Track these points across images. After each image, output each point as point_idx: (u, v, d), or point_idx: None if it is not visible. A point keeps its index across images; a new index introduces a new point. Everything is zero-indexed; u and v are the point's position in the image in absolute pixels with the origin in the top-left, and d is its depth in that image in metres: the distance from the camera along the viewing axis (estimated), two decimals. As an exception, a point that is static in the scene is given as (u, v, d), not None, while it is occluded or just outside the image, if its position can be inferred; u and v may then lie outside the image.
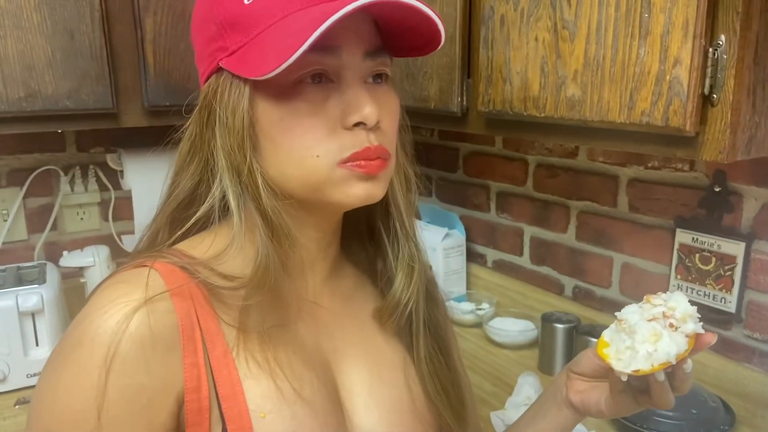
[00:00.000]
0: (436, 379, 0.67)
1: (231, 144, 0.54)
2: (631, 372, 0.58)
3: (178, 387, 0.52)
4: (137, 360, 0.50)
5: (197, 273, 0.55)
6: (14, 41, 1.17)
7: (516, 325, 1.52)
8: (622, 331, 0.60)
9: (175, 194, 0.60)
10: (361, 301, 0.68)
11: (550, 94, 0.95)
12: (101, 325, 0.50)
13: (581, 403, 0.68)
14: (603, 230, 1.41)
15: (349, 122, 0.54)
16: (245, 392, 0.54)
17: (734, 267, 1.15)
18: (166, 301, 0.53)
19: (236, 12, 0.53)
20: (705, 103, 0.79)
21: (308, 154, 0.54)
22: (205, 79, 0.57)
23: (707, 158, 0.80)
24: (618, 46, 0.85)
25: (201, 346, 0.53)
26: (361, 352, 0.65)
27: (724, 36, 0.76)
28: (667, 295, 0.61)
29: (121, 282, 0.54)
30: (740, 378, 1.17)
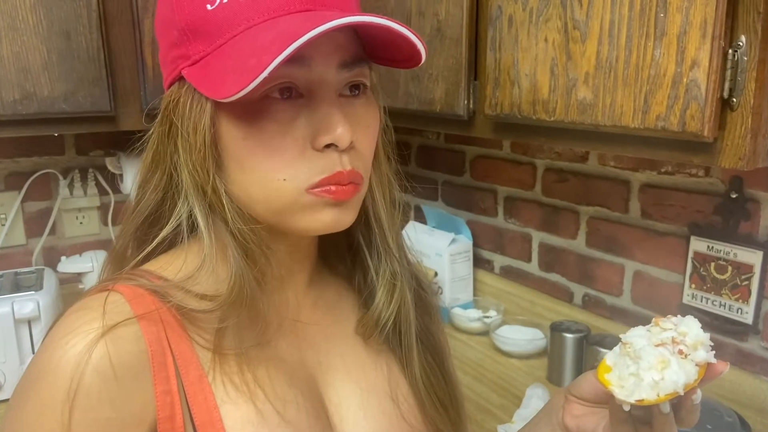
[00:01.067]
0: (434, 395, 0.64)
1: (194, 161, 0.51)
2: (634, 402, 0.53)
3: (149, 417, 0.49)
4: (102, 393, 0.48)
5: (168, 296, 0.52)
6: (9, 42, 1.14)
7: (524, 334, 1.48)
8: (626, 355, 0.55)
9: (139, 209, 0.57)
10: (345, 311, 0.66)
11: (560, 98, 0.91)
12: (62, 356, 0.47)
13: (577, 428, 0.63)
14: (614, 237, 1.37)
15: (320, 144, 0.50)
16: (223, 418, 0.51)
17: (751, 276, 1.11)
18: (133, 327, 0.50)
19: (199, 18, 0.50)
20: (724, 108, 0.75)
21: (274, 177, 0.50)
22: (168, 85, 0.54)
23: (726, 165, 0.76)
24: (632, 47, 0.81)
25: (174, 371, 0.51)
26: (347, 363, 0.63)
27: (744, 37, 0.72)
28: (678, 318, 0.56)
29: (84, 309, 0.51)
30: (757, 391, 1.13)
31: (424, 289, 0.70)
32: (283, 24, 0.47)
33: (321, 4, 0.50)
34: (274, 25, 0.48)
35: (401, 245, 0.65)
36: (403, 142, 1.96)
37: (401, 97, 1.23)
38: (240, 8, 0.48)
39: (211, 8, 0.49)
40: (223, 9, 0.49)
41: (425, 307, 0.69)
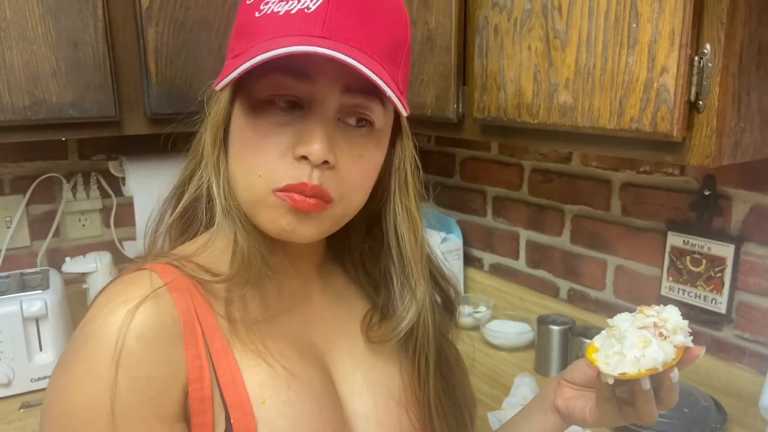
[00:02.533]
0: (444, 420, 0.68)
1: (208, 138, 0.59)
2: (617, 375, 0.59)
3: (182, 377, 0.54)
4: (143, 353, 0.52)
5: (191, 271, 0.59)
6: (19, 51, 1.19)
7: (513, 328, 1.55)
8: (612, 336, 0.61)
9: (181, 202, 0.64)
10: (352, 299, 0.71)
11: (542, 101, 0.98)
12: (106, 323, 0.53)
13: (566, 409, 0.69)
14: (597, 234, 1.44)
15: (297, 153, 0.54)
16: (245, 381, 0.56)
17: (724, 269, 1.18)
18: (167, 297, 0.55)
19: (246, 21, 0.56)
20: (691, 110, 0.81)
21: (252, 171, 0.56)
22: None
23: (694, 163, 0.83)
24: (608, 55, 0.87)
25: (202, 339, 0.56)
26: (352, 343, 0.67)
27: (709, 45, 0.79)
28: (660, 307, 0.63)
29: (122, 283, 0.57)
30: (731, 377, 1.20)
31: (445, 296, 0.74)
32: (294, 40, 0.53)
33: (337, 35, 0.53)
34: (288, 40, 0.53)
35: (428, 255, 0.68)
36: (395, 146, 2.02)
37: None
38: (275, 21, 0.54)
39: (258, 15, 0.55)
40: (264, 18, 0.55)
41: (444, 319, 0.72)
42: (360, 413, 0.64)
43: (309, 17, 0.53)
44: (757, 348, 1.17)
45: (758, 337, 1.16)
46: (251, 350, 0.58)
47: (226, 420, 0.55)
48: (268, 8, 0.54)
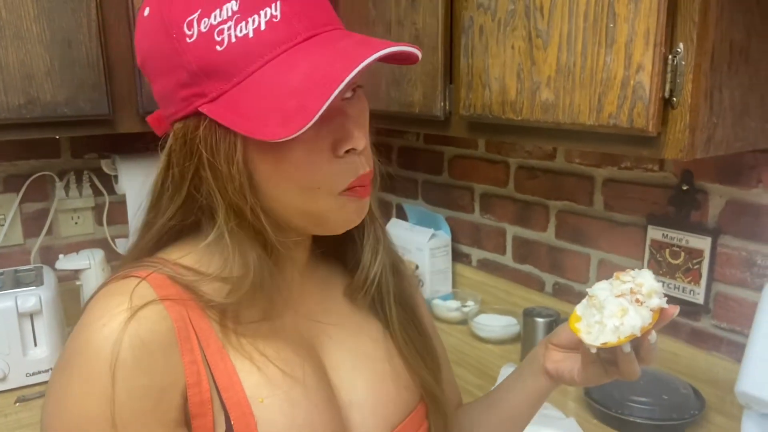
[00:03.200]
0: (411, 346, 0.72)
1: (230, 190, 0.55)
2: (599, 345, 0.63)
3: (180, 383, 0.55)
4: (139, 363, 0.53)
5: (191, 287, 0.58)
6: (15, 51, 1.21)
7: (499, 321, 1.58)
8: (592, 306, 0.65)
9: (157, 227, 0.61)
10: (336, 283, 0.73)
11: (526, 99, 1.01)
12: (100, 335, 0.53)
13: (556, 371, 0.73)
14: (580, 228, 1.48)
15: (341, 151, 0.56)
16: (242, 382, 0.58)
17: (702, 261, 1.22)
18: (158, 306, 0.55)
19: (210, 60, 0.52)
20: (666, 106, 0.85)
21: (309, 188, 0.56)
22: (177, 119, 0.57)
23: (669, 156, 0.86)
24: (587, 54, 0.91)
25: (197, 344, 0.57)
26: (341, 331, 0.70)
27: (682, 44, 0.83)
28: (635, 272, 0.66)
29: (114, 293, 0.56)
30: (710, 366, 1.24)
31: (396, 254, 0.78)
32: (302, 60, 0.52)
33: (319, 27, 0.54)
34: (292, 59, 0.52)
35: (380, 215, 0.73)
36: (385, 144, 2.06)
37: (383, 100, 1.33)
38: (250, 46, 0.52)
39: (220, 49, 0.52)
40: (233, 48, 0.52)
41: (399, 271, 0.76)
42: (354, 401, 0.67)
43: (283, 25, 0.53)
44: (733, 337, 1.21)
45: (735, 327, 1.21)
46: (246, 351, 0.59)
47: (226, 421, 0.56)
48: (229, 37, 0.52)
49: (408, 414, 0.70)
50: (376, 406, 0.68)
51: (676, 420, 1.13)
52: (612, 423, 1.17)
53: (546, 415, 1.19)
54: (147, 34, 0.57)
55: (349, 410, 0.66)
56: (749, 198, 1.15)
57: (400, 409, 0.70)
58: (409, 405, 0.71)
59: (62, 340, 1.43)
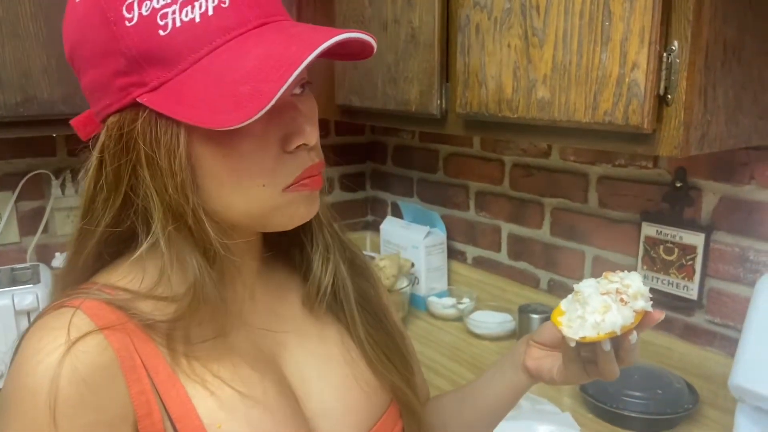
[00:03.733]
0: (378, 350, 0.70)
1: (171, 188, 0.51)
2: (578, 339, 0.62)
3: (130, 417, 0.52)
4: (82, 399, 0.50)
5: (128, 308, 0.55)
6: (11, 49, 1.21)
7: (495, 318, 1.59)
8: (576, 301, 0.65)
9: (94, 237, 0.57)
10: (292, 291, 0.70)
11: (522, 97, 1.02)
12: (35, 376, 0.49)
13: (535, 368, 0.72)
14: (575, 225, 1.49)
15: (292, 146, 0.53)
16: (196, 408, 0.55)
17: (695, 257, 1.23)
18: (98, 337, 0.52)
19: (152, 45, 0.49)
20: (660, 104, 0.86)
21: (254, 185, 0.53)
22: (111, 112, 0.52)
23: (663, 153, 0.88)
24: (582, 52, 0.92)
25: (144, 373, 0.54)
26: (302, 339, 0.67)
27: (677, 42, 0.84)
28: (624, 273, 0.66)
29: (45, 328, 0.52)
30: (703, 361, 1.25)
31: (356, 256, 0.75)
32: (255, 46, 0.49)
33: (270, 16, 0.52)
34: (243, 45, 0.49)
35: (329, 221, 0.70)
36: (380, 143, 2.07)
37: (379, 99, 1.33)
38: (196, 31, 0.49)
39: (164, 34, 0.49)
40: (178, 33, 0.49)
41: (360, 272, 0.74)
42: (321, 410, 0.64)
43: (233, 11, 0.50)
44: (726, 332, 1.22)
45: (728, 322, 1.22)
46: (199, 375, 0.56)
47: None
48: (173, 21, 0.49)
49: (379, 417, 0.68)
50: (345, 414, 0.66)
51: (670, 414, 1.14)
52: (607, 417, 1.18)
53: (541, 410, 1.20)
54: (79, 19, 0.53)
55: (317, 421, 0.64)
56: (742, 194, 1.17)
57: (371, 414, 0.68)
58: (380, 408, 0.69)
59: (59, 338, 1.43)
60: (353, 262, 0.73)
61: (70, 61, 0.56)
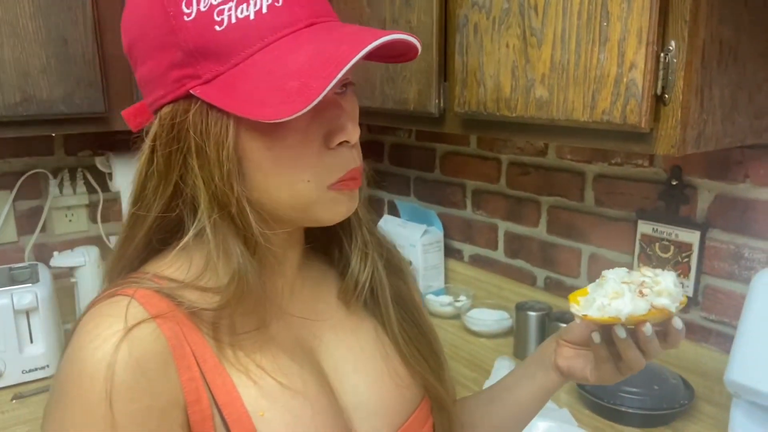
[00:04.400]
0: (412, 346, 0.71)
1: (217, 177, 0.53)
2: (581, 316, 0.64)
3: (181, 402, 0.54)
4: (135, 386, 0.52)
5: (179, 297, 0.57)
6: (11, 48, 1.22)
7: (492, 316, 1.61)
8: (599, 285, 0.66)
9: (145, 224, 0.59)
10: (329, 286, 0.72)
11: (520, 96, 1.03)
12: (93, 359, 0.51)
13: (567, 368, 0.73)
14: (572, 223, 1.50)
15: (334, 143, 0.56)
16: (241, 397, 0.57)
17: (690, 254, 1.25)
18: (151, 325, 0.54)
19: (208, 39, 0.52)
20: (658, 103, 0.87)
21: (299, 179, 0.55)
22: (165, 103, 0.55)
23: (661, 152, 0.89)
24: (581, 52, 0.93)
25: (193, 361, 0.56)
26: (338, 333, 0.69)
27: (674, 42, 0.85)
28: (660, 271, 0.66)
29: (102, 315, 0.54)
30: (698, 357, 1.27)
31: (392, 254, 0.76)
32: (306, 43, 0.52)
33: (320, 16, 0.55)
34: (294, 43, 0.52)
35: (367, 218, 0.71)
36: (377, 142, 2.07)
37: (377, 98, 1.34)
38: (250, 28, 0.51)
39: (219, 29, 0.51)
40: (232, 29, 0.51)
41: (395, 271, 0.75)
42: (356, 403, 0.66)
43: (285, 10, 0.53)
44: (722, 329, 1.24)
45: (723, 319, 1.24)
46: (243, 365, 0.58)
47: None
48: (229, 18, 0.51)
49: (411, 412, 0.69)
50: (378, 407, 0.67)
51: (666, 410, 1.15)
52: (604, 413, 1.19)
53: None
54: (140, 14, 0.55)
55: (352, 413, 0.65)
56: (737, 192, 1.18)
57: (404, 408, 0.69)
58: (412, 404, 0.70)
59: (58, 337, 1.44)
60: (389, 260, 0.74)
61: (128, 53, 0.58)
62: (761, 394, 0.98)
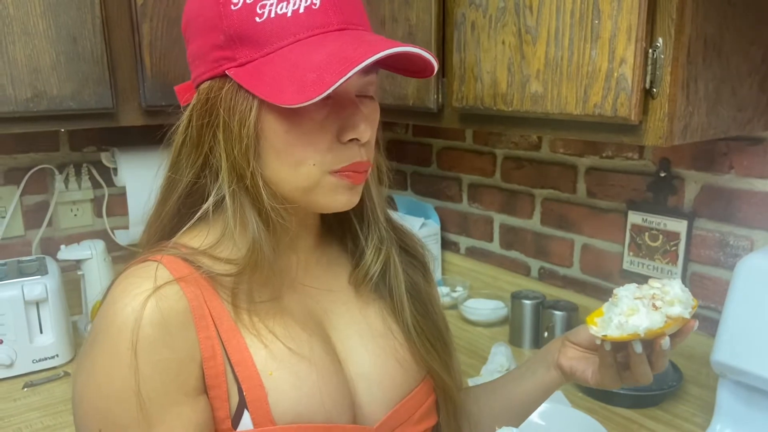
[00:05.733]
0: (423, 336, 0.75)
1: (237, 150, 0.60)
2: (600, 336, 0.67)
3: (197, 357, 0.60)
4: (159, 339, 0.58)
5: (198, 262, 0.63)
6: (22, 46, 1.25)
7: (488, 305, 1.66)
8: (613, 304, 0.68)
9: (178, 189, 0.65)
10: (342, 267, 0.76)
11: (516, 91, 1.08)
12: (122, 314, 0.58)
13: (570, 368, 0.76)
14: (564, 215, 1.55)
15: (345, 138, 0.61)
16: (253, 357, 0.62)
17: (678, 243, 1.30)
18: (175, 287, 0.60)
19: (248, 28, 0.58)
20: (646, 97, 0.92)
21: (305, 162, 0.61)
22: (204, 79, 0.62)
23: (649, 143, 0.94)
24: (573, 49, 0.98)
25: (211, 322, 0.61)
26: (348, 309, 0.74)
27: (661, 39, 0.90)
28: (666, 280, 0.70)
29: (132, 276, 0.61)
30: (686, 341, 1.31)
31: (412, 248, 0.82)
32: (330, 43, 0.57)
33: (351, 23, 0.61)
34: (321, 42, 0.58)
35: (387, 215, 0.77)
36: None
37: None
38: (286, 23, 0.58)
39: (259, 21, 0.58)
40: (270, 23, 0.58)
41: (413, 263, 0.81)
42: (360, 373, 0.70)
43: (320, 13, 0.59)
44: (708, 314, 1.29)
45: (709, 304, 1.29)
46: (256, 329, 0.64)
47: (239, 392, 0.61)
48: (269, 12, 0.58)
49: (412, 389, 0.73)
50: (382, 379, 0.71)
51: (655, 391, 1.21)
52: (595, 394, 1.25)
53: (535, 389, 1.26)
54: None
55: (356, 381, 0.70)
56: (722, 183, 1.24)
57: (405, 383, 0.73)
58: (414, 381, 0.74)
59: (67, 327, 1.47)
60: (408, 253, 0.79)
61: (184, 32, 0.65)
62: (745, 373, 1.03)
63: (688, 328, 0.68)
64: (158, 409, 0.58)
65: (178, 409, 0.59)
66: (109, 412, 0.58)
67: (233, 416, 0.61)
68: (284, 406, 0.62)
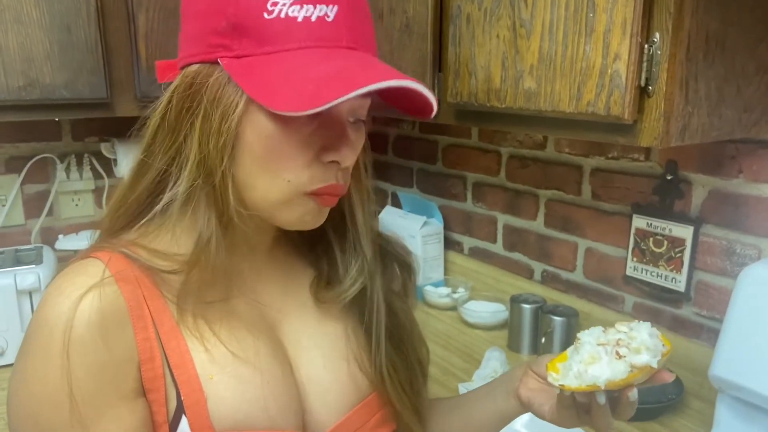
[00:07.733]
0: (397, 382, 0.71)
1: (212, 145, 0.56)
2: (557, 386, 0.61)
3: (135, 359, 0.58)
4: (93, 339, 0.55)
5: (137, 257, 0.60)
6: (15, 34, 1.25)
7: (488, 308, 1.61)
8: (575, 349, 0.63)
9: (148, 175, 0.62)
10: (300, 269, 0.74)
11: (509, 87, 1.04)
12: (54, 313, 0.55)
13: (527, 400, 0.72)
14: (569, 217, 1.50)
15: (326, 159, 0.58)
16: (193, 359, 0.60)
17: (683, 249, 1.24)
18: (112, 286, 0.57)
19: (254, 21, 0.55)
20: (642, 95, 0.87)
21: (281, 176, 0.58)
22: (193, 62, 0.58)
23: (644, 144, 0.89)
24: (567, 43, 0.93)
25: (150, 322, 0.59)
26: (303, 312, 0.71)
27: (658, 34, 0.85)
28: (635, 324, 0.63)
29: (69, 274, 0.58)
30: (689, 352, 1.26)
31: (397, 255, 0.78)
32: (337, 60, 0.55)
33: (360, 45, 0.58)
34: (327, 56, 0.55)
35: (374, 242, 0.72)
36: (381, 133, 2.08)
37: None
38: (295, 28, 0.55)
39: (268, 17, 0.54)
40: (279, 23, 0.54)
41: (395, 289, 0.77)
42: (312, 378, 0.68)
43: (332, 27, 0.56)
44: (713, 324, 1.23)
45: (714, 314, 1.23)
46: (199, 331, 0.61)
47: (177, 396, 0.59)
48: (280, 11, 0.54)
49: (361, 400, 0.70)
50: (332, 386, 0.69)
51: (653, 404, 1.16)
52: (591, 406, 1.19)
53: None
54: None
55: (307, 387, 0.67)
56: (730, 188, 1.17)
57: (357, 393, 0.70)
58: (363, 391, 0.71)
59: (60, 318, 1.47)
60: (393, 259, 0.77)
61: (184, 9, 0.61)
62: (744, 390, 0.98)
63: (658, 379, 0.62)
64: (93, 412, 0.56)
65: (114, 412, 0.57)
66: (40, 416, 0.55)
67: (171, 421, 0.59)
68: (224, 412, 0.60)
